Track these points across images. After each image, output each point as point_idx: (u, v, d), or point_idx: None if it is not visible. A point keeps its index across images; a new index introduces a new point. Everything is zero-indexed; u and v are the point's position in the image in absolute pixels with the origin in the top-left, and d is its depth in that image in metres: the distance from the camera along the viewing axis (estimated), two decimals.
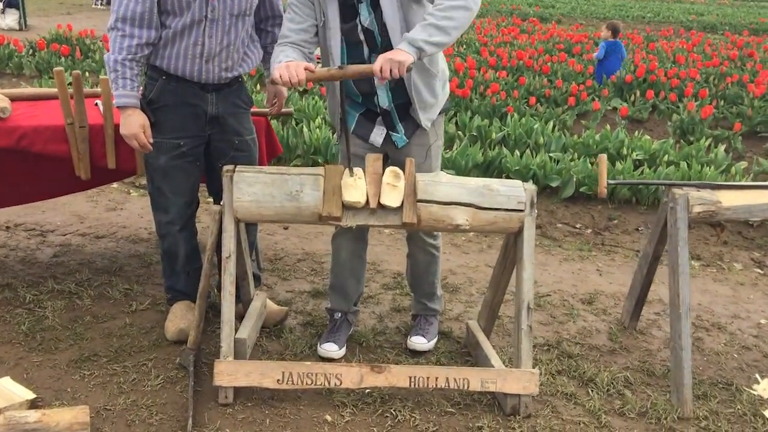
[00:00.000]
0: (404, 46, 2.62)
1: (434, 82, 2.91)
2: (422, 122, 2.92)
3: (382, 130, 2.96)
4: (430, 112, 2.94)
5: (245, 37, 2.95)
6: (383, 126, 2.96)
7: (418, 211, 2.73)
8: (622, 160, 5.45)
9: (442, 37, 2.65)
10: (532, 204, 2.81)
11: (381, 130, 2.97)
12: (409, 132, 2.95)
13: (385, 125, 2.95)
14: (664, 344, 3.39)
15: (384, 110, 2.91)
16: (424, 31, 2.63)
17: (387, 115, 2.93)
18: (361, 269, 3.24)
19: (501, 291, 3.14)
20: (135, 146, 2.86)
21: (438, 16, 2.64)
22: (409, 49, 2.61)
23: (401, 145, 2.96)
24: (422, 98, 2.88)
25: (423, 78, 2.86)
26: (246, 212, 2.74)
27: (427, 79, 2.88)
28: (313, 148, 5.50)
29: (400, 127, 2.94)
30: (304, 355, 3.10)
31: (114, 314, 3.34)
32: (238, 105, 3.05)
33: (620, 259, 4.40)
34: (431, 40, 2.63)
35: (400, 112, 2.92)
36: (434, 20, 2.64)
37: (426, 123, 2.93)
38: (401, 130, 2.94)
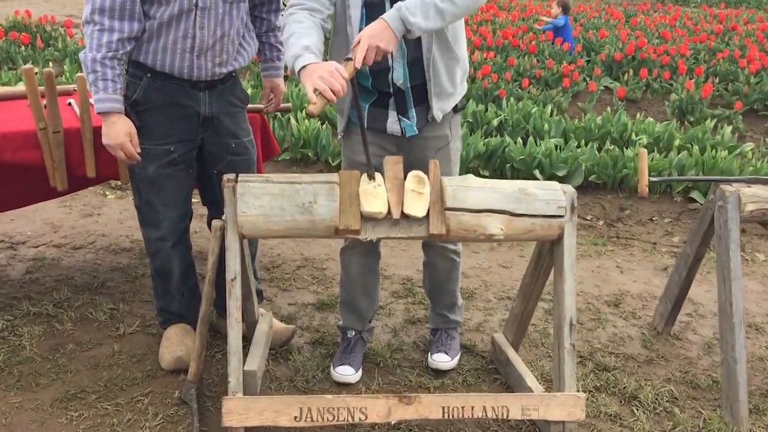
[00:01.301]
0: (393, 20, 2.29)
1: (456, 67, 2.59)
2: (433, 110, 2.58)
3: (396, 116, 2.63)
4: (444, 101, 2.61)
5: (240, 27, 2.59)
6: (395, 110, 2.62)
7: (446, 221, 2.42)
8: (628, 145, 5.19)
9: (437, 21, 2.35)
10: (573, 208, 2.51)
11: (395, 116, 2.63)
12: (421, 121, 2.62)
13: (396, 109, 2.62)
14: (703, 350, 3.14)
15: (398, 89, 2.58)
16: (422, 9, 2.30)
17: (401, 96, 2.59)
18: (375, 284, 2.92)
19: (532, 302, 2.85)
20: (121, 157, 2.50)
21: None
22: (397, 26, 2.29)
23: (410, 135, 2.63)
24: (440, 81, 2.55)
25: (445, 59, 2.54)
26: (252, 228, 2.39)
27: (448, 61, 2.55)
28: (302, 141, 5.14)
29: (412, 113, 2.61)
30: (317, 379, 2.79)
31: (100, 340, 2.98)
32: (233, 103, 2.70)
33: (639, 254, 4.14)
34: (425, 25, 2.32)
35: (415, 95, 2.59)
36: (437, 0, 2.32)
37: (437, 113, 2.59)
38: (413, 117, 2.61)
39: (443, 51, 2.52)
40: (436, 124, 2.64)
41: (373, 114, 2.63)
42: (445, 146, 2.70)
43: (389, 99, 2.59)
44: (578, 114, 6.66)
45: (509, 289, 3.63)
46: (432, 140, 2.67)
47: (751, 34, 10.38)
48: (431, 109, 2.58)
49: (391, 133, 2.64)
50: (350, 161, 2.75)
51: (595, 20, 11.82)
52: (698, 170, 4.69)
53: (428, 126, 2.63)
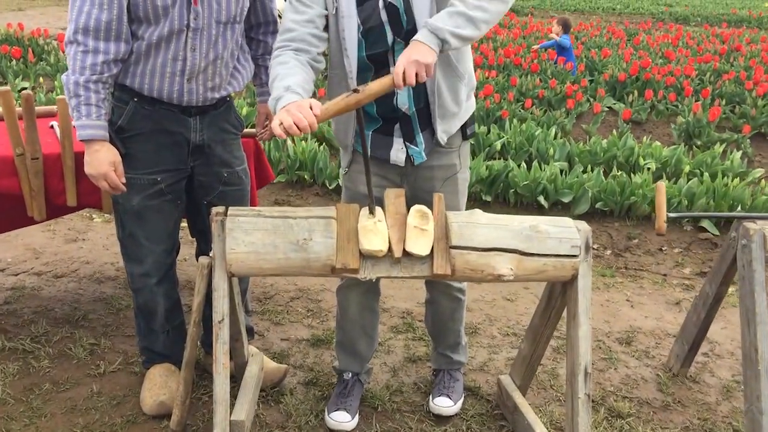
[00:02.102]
0: (426, 36, 2.12)
1: (459, 85, 2.41)
2: (437, 133, 2.41)
3: (402, 144, 2.45)
4: (448, 122, 2.43)
5: (235, 49, 2.42)
6: (401, 137, 2.45)
7: (452, 260, 2.24)
8: (635, 170, 5.02)
9: (471, 30, 2.16)
10: (588, 248, 2.33)
11: (401, 143, 2.45)
12: (428, 147, 2.45)
13: (402, 136, 2.45)
14: (722, 395, 2.95)
15: (403, 114, 2.40)
16: (452, 20, 2.13)
17: (407, 121, 2.41)
18: (374, 324, 2.73)
19: (542, 345, 2.66)
20: (104, 188, 2.31)
21: (470, 4, 2.15)
22: (431, 41, 2.12)
23: (418, 162, 2.45)
24: (443, 102, 2.38)
25: (447, 78, 2.36)
26: (242, 266, 2.21)
27: (451, 80, 2.38)
28: (298, 163, 4.96)
29: (420, 139, 2.43)
30: (310, 426, 2.59)
31: (78, 379, 2.78)
32: (226, 130, 2.52)
33: (649, 286, 3.96)
34: (459, 33, 2.14)
35: (421, 120, 2.42)
36: (464, 8, 2.14)
37: (441, 135, 2.42)
38: (421, 143, 2.44)
39: (445, 69, 2.34)
40: (443, 152, 2.47)
41: (377, 142, 2.45)
42: (453, 176, 2.52)
43: (395, 125, 2.42)
44: (582, 136, 6.50)
45: (514, 324, 3.44)
46: (439, 169, 2.49)
47: (755, 54, 10.26)
48: (435, 131, 2.40)
49: (394, 162, 2.46)
50: (351, 192, 2.57)
51: (597, 39, 11.71)
52: (708, 198, 4.52)
53: (435, 154, 2.46)
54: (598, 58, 9.35)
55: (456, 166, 2.52)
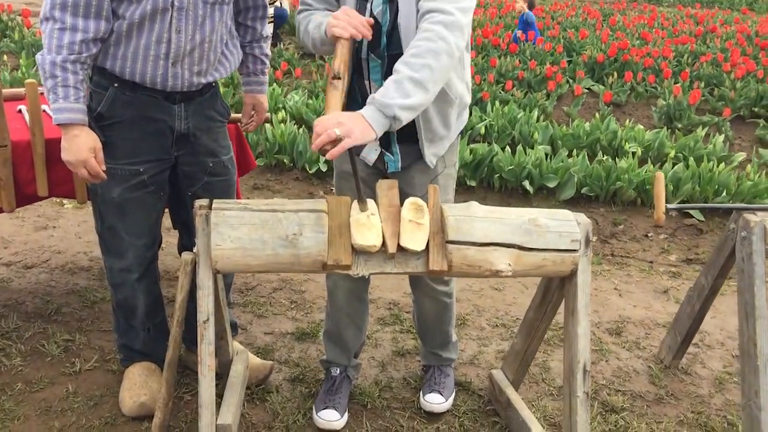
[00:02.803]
0: (372, 114, 1.95)
1: (449, 110, 2.29)
2: (426, 157, 2.31)
3: (376, 145, 2.34)
4: (437, 145, 2.33)
5: (223, 32, 2.28)
6: (377, 141, 2.33)
7: (449, 256, 2.14)
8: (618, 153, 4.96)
9: (420, 95, 1.98)
10: (588, 242, 2.26)
11: (375, 146, 2.34)
12: (407, 160, 2.34)
13: (379, 141, 2.33)
14: (714, 387, 2.91)
15: None
16: (399, 90, 1.96)
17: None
18: (363, 314, 2.64)
19: (536, 341, 2.58)
20: (83, 176, 2.16)
21: (414, 65, 1.98)
22: (377, 120, 1.95)
23: (391, 171, 2.35)
24: (431, 128, 2.27)
25: (436, 104, 2.22)
26: (228, 263, 2.09)
27: (441, 105, 2.24)
28: (277, 146, 4.82)
29: (396, 149, 2.32)
30: (298, 425, 2.50)
31: (52, 378, 2.65)
32: (212, 118, 2.38)
33: (636, 274, 3.91)
34: (408, 104, 1.96)
35: (399, 133, 2.27)
36: (410, 72, 1.97)
37: (430, 159, 2.32)
38: (397, 154, 2.33)
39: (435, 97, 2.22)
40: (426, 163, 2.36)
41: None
42: (438, 174, 2.41)
43: None
44: (563, 118, 6.43)
45: (503, 314, 3.37)
46: (420, 174, 2.37)
47: (731, 36, 10.25)
48: (423, 156, 2.30)
49: (363, 158, 2.35)
50: (339, 171, 2.47)
51: (573, 19, 11.63)
52: (694, 184, 4.48)
53: (417, 164, 2.35)
54: (576, 38, 9.27)
55: (436, 170, 2.39)
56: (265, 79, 2.65)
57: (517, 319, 3.33)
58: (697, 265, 4.06)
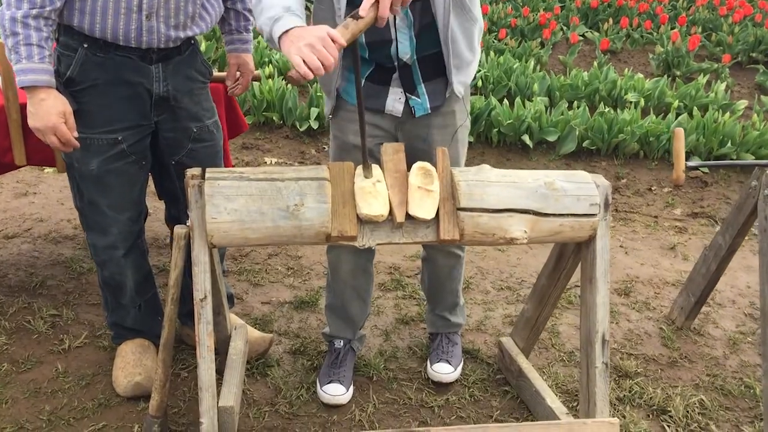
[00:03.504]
0: None
1: (474, 28, 2.15)
2: (454, 86, 2.16)
3: (400, 92, 2.18)
4: (465, 72, 2.18)
5: None
6: (401, 87, 2.18)
7: (461, 224, 2.00)
8: (619, 105, 4.80)
9: None
10: (607, 205, 2.12)
11: (398, 93, 2.18)
12: (436, 100, 2.19)
13: (402, 86, 2.18)
14: (729, 348, 2.83)
15: (404, 64, 2.13)
16: None
17: (407, 71, 2.14)
18: (368, 286, 2.51)
19: (549, 308, 2.47)
20: (53, 143, 1.98)
21: None
22: None
23: (419, 115, 2.20)
24: (458, 51, 2.12)
25: (461, 21, 2.08)
26: (225, 236, 1.94)
27: (465, 24, 2.10)
28: (265, 103, 4.62)
29: (422, 89, 2.17)
30: (302, 401, 2.39)
31: (40, 356, 2.51)
32: (193, 78, 2.19)
33: (641, 230, 3.80)
34: None
35: (424, 69, 2.15)
36: None
37: (458, 88, 2.18)
38: (423, 94, 2.18)
39: (459, 12, 2.06)
40: (453, 100, 2.21)
41: (368, 90, 2.17)
42: (452, 124, 2.27)
43: (392, 74, 2.14)
44: (558, 67, 6.25)
45: (508, 276, 3.25)
46: (437, 117, 2.23)
47: None
48: (450, 84, 2.15)
49: (389, 113, 2.19)
50: (339, 142, 2.30)
51: None
52: (699, 135, 4.34)
53: (444, 104, 2.21)
54: None
55: (455, 114, 2.26)
56: (250, 36, 2.46)
57: (522, 281, 3.22)
58: (702, 219, 3.96)
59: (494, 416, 2.38)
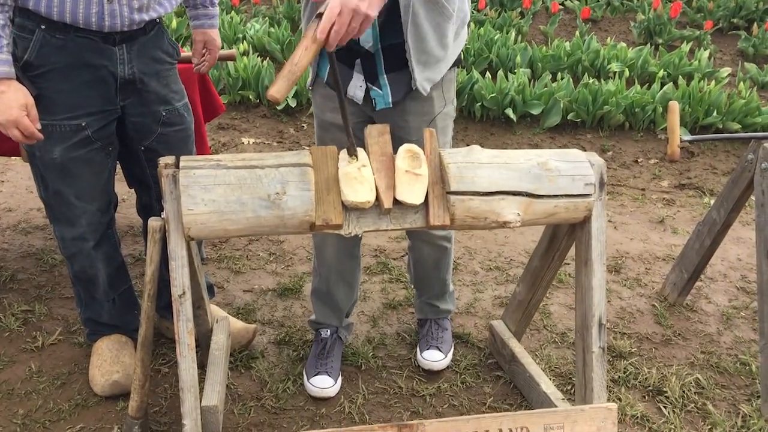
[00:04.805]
0: None
1: (446, 25, 1.98)
2: (417, 82, 2.00)
3: (362, 81, 2.07)
4: (432, 69, 2.02)
5: None
6: (362, 74, 2.06)
7: (451, 208, 1.91)
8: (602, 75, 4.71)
9: None
10: (602, 184, 2.04)
11: (360, 80, 2.07)
12: (398, 93, 2.05)
13: (364, 74, 2.06)
14: (722, 324, 2.78)
15: (366, 51, 2.01)
16: None
17: (369, 60, 2.02)
18: (354, 270, 2.41)
19: (541, 290, 2.39)
20: (16, 137, 1.85)
21: None
22: None
23: (380, 108, 2.07)
24: (424, 45, 1.96)
25: (431, 15, 1.93)
26: (202, 229, 1.83)
27: (436, 18, 1.95)
28: (241, 81, 4.46)
29: (384, 80, 2.04)
30: (289, 394, 2.30)
31: (12, 356, 2.40)
32: (160, 60, 2.06)
33: (629, 203, 3.74)
34: None
35: (388, 59, 2.01)
36: None
37: (423, 84, 2.02)
38: (386, 86, 2.05)
39: (430, 7, 1.91)
40: (421, 94, 2.08)
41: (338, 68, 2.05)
42: (430, 112, 2.13)
43: (354, 59, 2.02)
44: (539, 38, 6.13)
45: (496, 256, 3.18)
46: (414, 103, 2.10)
47: None
48: (414, 80, 2.00)
49: (351, 98, 2.08)
50: (320, 120, 2.20)
51: None
52: (684, 104, 4.27)
53: (410, 96, 2.07)
54: None
55: (433, 100, 2.11)
56: (216, 11, 2.32)
57: (510, 261, 3.15)
58: (690, 190, 3.91)
59: (487, 403, 2.31)
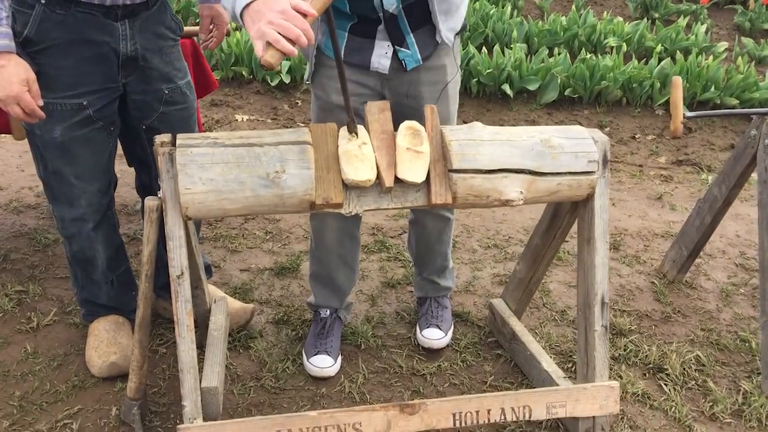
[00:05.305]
0: None
1: None
2: (442, 33, 2.01)
3: (387, 46, 2.02)
4: (453, 17, 2.03)
5: None
6: (387, 40, 2.02)
7: (453, 186, 1.88)
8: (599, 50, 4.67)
9: None
10: (606, 161, 2.01)
11: (385, 47, 2.02)
12: (425, 50, 2.03)
13: (390, 38, 2.02)
14: (721, 300, 2.77)
15: (390, 15, 1.97)
16: None
17: (393, 23, 1.98)
18: (354, 253, 2.38)
19: (542, 268, 2.37)
20: (17, 114, 1.80)
21: None
22: None
23: (412, 67, 2.05)
24: None
25: None
26: (200, 208, 1.80)
27: None
28: (233, 57, 4.39)
29: (411, 39, 2.01)
30: (289, 374, 2.28)
31: (7, 336, 2.37)
32: (163, 36, 2.01)
33: (627, 180, 3.72)
34: None
35: (411, 17, 1.99)
36: None
37: (447, 35, 2.03)
38: (413, 44, 2.02)
39: None
40: (441, 50, 2.06)
41: (352, 45, 2.01)
42: (443, 80, 2.12)
43: (376, 27, 1.98)
44: (534, 11, 6.07)
45: (494, 234, 3.15)
46: (426, 72, 2.08)
47: None
48: (438, 31, 1.99)
49: (376, 70, 2.04)
50: (322, 102, 2.14)
51: None
52: (682, 80, 4.23)
53: (433, 54, 2.06)
54: None
55: (446, 68, 2.11)
56: None
57: (509, 238, 3.13)
58: (687, 166, 3.89)
59: (488, 382, 2.30)
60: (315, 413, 1.90)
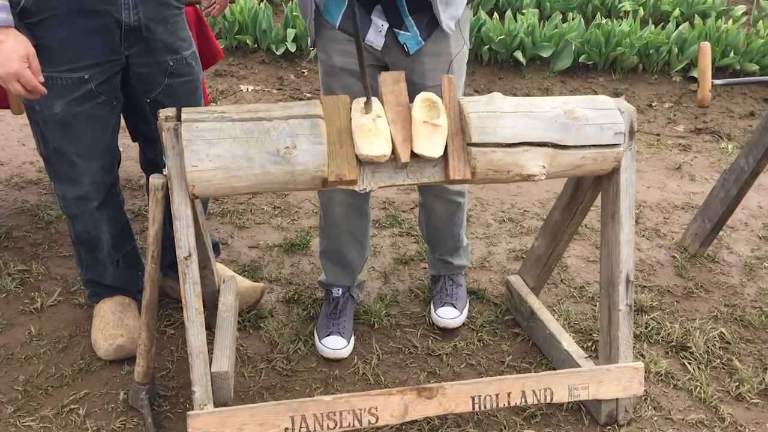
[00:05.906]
0: None
1: None
2: (442, 21, 1.91)
3: (382, 24, 1.93)
4: (454, 5, 1.93)
5: None
6: (383, 19, 1.92)
7: (472, 161, 1.79)
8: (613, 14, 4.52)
9: None
10: (632, 133, 1.92)
11: (381, 25, 1.93)
12: (425, 31, 1.94)
13: (388, 20, 1.92)
14: (745, 275, 2.69)
15: None
16: None
17: (391, 5, 1.90)
18: (364, 229, 2.29)
19: (562, 244, 2.28)
20: (17, 90, 1.70)
21: None
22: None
23: (413, 51, 1.95)
24: None
25: None
26: (208, 186, 1.71)
27: None
28: (237, 25, 4.27)
29: (410, 22, 1.92)
30: (300, 355, 2.21)
31: (10, 318, 2.30)
32: (167, 4, 1.90)
33: (644, 149, 3.61)
34: None
35: (409, 3, 1.90)
36: None
37: (448, 23, 1.93)
38: (412, 26, 1.92)
39: None
40: (443, 33, 1.96)
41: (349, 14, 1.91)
42: (447, 53, 2.01)
43: (375, 4, 1.88)
44: None
45: (509, 207, 3.06)
46: (430, 45, 1.98)
47: None
48: (440, 21, 1.89)
49: (369, 44, 1.94)
50: (326, 66, 2.05)
51: None
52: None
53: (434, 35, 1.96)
54: None
55: (450, 39, 2.00)
56: None
57: (524, 212, 3.04)
58: (706, 135, 3.78)
59: (506, 362, 2.23)
60: (329, 398, 1.84)
